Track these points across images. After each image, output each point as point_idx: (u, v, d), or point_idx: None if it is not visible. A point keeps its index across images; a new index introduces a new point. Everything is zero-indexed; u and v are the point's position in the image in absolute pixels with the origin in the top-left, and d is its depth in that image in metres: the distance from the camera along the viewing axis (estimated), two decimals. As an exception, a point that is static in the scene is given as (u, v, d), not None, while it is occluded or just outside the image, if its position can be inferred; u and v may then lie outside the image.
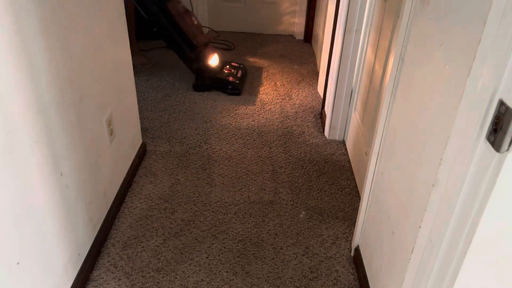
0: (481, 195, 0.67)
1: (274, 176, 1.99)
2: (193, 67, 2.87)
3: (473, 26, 0.74)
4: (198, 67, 2.86)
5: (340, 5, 2.03)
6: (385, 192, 1.23)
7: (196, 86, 2.87)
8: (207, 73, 2.87)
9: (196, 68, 2.87)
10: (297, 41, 4.04)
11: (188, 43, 2.78)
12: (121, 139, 1.75)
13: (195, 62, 2.84)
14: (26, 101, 1.00)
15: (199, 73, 2.87)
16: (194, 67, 2.87)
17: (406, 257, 0.99)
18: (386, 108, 1.24)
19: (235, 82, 2.87)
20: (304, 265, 1.50)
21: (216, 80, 2.87)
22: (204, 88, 2.87)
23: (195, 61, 2.84)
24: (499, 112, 0.62)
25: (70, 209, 1.27)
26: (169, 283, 1.40)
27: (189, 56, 2.82)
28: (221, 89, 2.87)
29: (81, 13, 1.32)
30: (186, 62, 2.87)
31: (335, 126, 2.29)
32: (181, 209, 1.74)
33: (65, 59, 1.20)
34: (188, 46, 2.79)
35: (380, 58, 1.70)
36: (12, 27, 0.94)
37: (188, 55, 2.81)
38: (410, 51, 1.09)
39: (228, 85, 2.84)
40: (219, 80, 2.87)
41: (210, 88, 2.89)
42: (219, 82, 2.87)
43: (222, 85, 2.86)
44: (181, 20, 2.75)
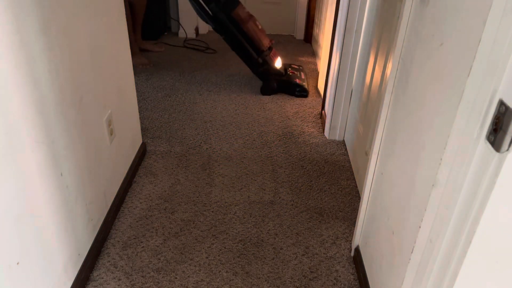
0: (481, 195, 0.67)
1: (274, 176, 1.99)
2: (260, 71, 2.89)
3: (473, 26, 0.74)
4: (265, 71, 2.88)
5: (340, 5, 2.03)
6: (385, 192, 1.23)
7: (264, 90, 2.89)
8: (274, 76, 2.90)
9: (263, 72, 2.89)
10: (297, 41, 4.04)
11: (255, 48, 2.82)
12: (121, 139, 1.75)
13: (261, 66, 2.87)
14: (26, 101, 1.00)
15: (267, 76, 2.89)
16: (260, 71, 2.89)
17: (406, 257, 0.99)
18: (386, 108, 1.24)
19: (303, 85, 2.90)
20: (304, 265, 1.50)
21: (284, 83, 2.90)
22: (272, 91, 2.89)
23: (262, 66, 2.87)
24: (499, 112, 0.62)
25: (70, 209, 1.27)
26: (169, 283, 1.40)
27: (257, 61, 2.84)
28: (289, 91, 2.90)
29: (81, 13, 1.32)
30: (252, 67, 2.90)
31: (335, 126, 2.29)
32: (181, 209, 1.74)
33: (65, 59, 1.20)
34: (255, 51, 2.83)
35: (380, 58, 1.70)
36: (12, 27, 0.94)
37: (256, 60, 2.83)
38: (410, 51, 1.09)
39: (296, 87, 2.88)
40: (287, 83, 2.90)
41: (278, 91, 2.92)
42: (287, 85, 2.90)
43: (290, 88, 2.89)
44: (247, 26, 2.78)
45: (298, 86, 2.89)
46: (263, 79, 2.92)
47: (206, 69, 3.25)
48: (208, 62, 3.39)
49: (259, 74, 2.92)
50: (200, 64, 3.35)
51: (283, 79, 2.92)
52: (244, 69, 3.26)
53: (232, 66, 3.33)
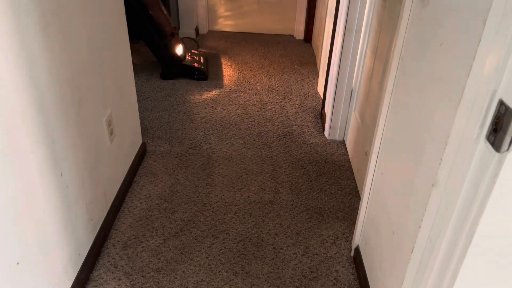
0: (481, 195, 0.67)
1: (274, 176, 1.99)
2: (161, 56, 2.93)
3: (473, 26, 0.74)
4: (166, 56, 2.91)
5: (340, 5, 2.03)
6: (385, 192, 1.23)
7: (164, 74, 2.96)
8: (173, 62, 2.95)
9: (164, 56, 2.92)
10: (297, 41, 4.04)
11: (158, 32, 2.84)
12: (121, 139, 1.75)
13: (163, 51, 2.90)
14: (26, 101, 1.00)
15: (167, 61, 2.94)
16: (161, 55, 2.92)
17: (406, 257, 0.99)
18: (386, 108, 1.24)
19: (201, 68, 2.99)
20: (304, 265, 1.50)
21: (183, 67, 2.98)
22: (171, 75, 2.97)
23: (163, 50, 2.90)
24: (499, 112, 0.62)
25: (70, 209, 1.27)
26: (169, 283, 1.40)
27: (158, 44, 2.87)
28: (188, 75, 2.99)
29: (81, 13, 1.32)
30: (154, 50, 2.92)
31: (335, 126, 2.29)
32: (181, 209, 1.74)
33: (65, 59, 1.20)
34: (158, 34, 2.85)
35: (380, 58, 1.70)
36: (12, 27, 0.94)
37: (157, 43, 2.86)
38: (410, 51, 1.09)
39: (195, 71, 2.97)
40: (186, 67, 2.97)
41: (177, 75, 2.99)
42: (186, 69, 2.98)
43: (189, 72, 2.98)
44: (152, 8, 2.82)
45: (197, 69, 2.98)
46: (163, 65, 2.97)
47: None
48: (207, 62, 3.39)
49: (160, 59, 2.96)
50: (200, 64, 3.34)
51: (183, 63, 2.99)
52: (244, 69, 3.26)
53: (232, 67, 3.33)
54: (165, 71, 2.97)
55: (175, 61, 2.97)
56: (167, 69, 2.96)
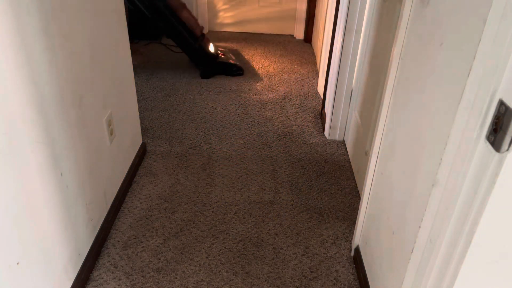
0: (481, 195, 0.67)
1: (274, 176, 1.99)
2: (197, 57, 3.05)
3: (473, 26, 0.74)
4: (202, 56, 3.04)
5: (340, 5, 2.03)
6: (385, 192, 1.23)
7: (203, 74, 3.06)
8: (211, 60, 3.08)
9: (200, 57, 3.05)
10: (297, 41, 4.04)
11: (190, 34, 2.97)
12: (121, 139, 1.75)
13: (198, 52, 3.02)
14: (26, 101, 1.00)
15: (204, 61, 3.06)
16: (198, 56, 3.04)
17: (406, 257, 0.99)
18: (386, 108, 1.24)
19: (237, 64, 3.13)
20: (304, 265, 1.50)
21: (220, 65, 3.09)
22: (211, 74, 3.07)
23: (198, 51, 3.02)
24: (499, 112, 0.62)
25: (70, 209, 1.27)
26: (169, 283, 1.40)
27: (193, 47, 2.98)
28: (226, 72, 3.10)
29: (81, 13, 1.32)
30: (190, 54, 3.05)
31: (335, 126, 2.29)
32: (181, 209, 1.74)
33: (65, 59, 1.20)
34: (191, 37, 2.98)
35: (380, 58, 1.70)
36: (13, 27, 0.94)
37: (193, 46, 2.97)
38: (410, 51, 1.09)
39: (233, 67, 3.09)
40: (224, 64, 3.10)
41: (215, 73, 3.10)
42: (223, 66, 3.09)
43: (227, 68, 3.09)
44: (181, 13, 2.93)
45: (234, 66, 3.10)
46: (201, 64, 3.07)
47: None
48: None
49: (197, 60, 3.07)
50: (200, 64, 3.35)
51: (219, 61, 3.10)
52: (244, 69, 3.26)
53: (232, 66, 3.33)
54: (204, 71, 3.05)
55: (212, 59, 3.08)
56: (206, 68, 3.05)
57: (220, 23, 4.16)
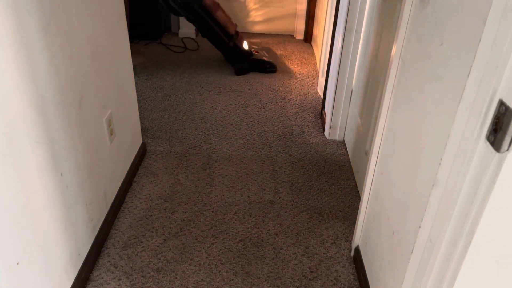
0: (481, 195, 0.67)
1: (274, 176, 1.99)
2: (232, 55, 3.15)
3: (473, 26, 0.74)
4: (236, 53, 3.15)
5: (340, 5, 2.03)
6: (385, 192, 1.23)
7: (238, 71, 3.15)
8: (245, 58, 3.17)
9: (235, 54, 3.15)
10: (297, 41, 4.04)
11: (225, 33, 3.07)
12: (121, 139, 1.75)
13: (233, 50, 3.13)
14: (26, 101, 1.00)
15: (239, 58, 3.16)
16: (232, 54, 3.15)
17: (406, 257, 0.99)
18: (386, 108, 1.24)
19: (271, 61, 3.22)
20: (304, 265, 1.50)
21: (254, 61, 3.19)
22: (246, 71, 3.17)
23: (233, 49, 3.12)
24: (499, 112, 0.62)
25: (70, 209, 1.27)
26: (169, 283, 1.40)
27: (228, 45, 3.10)
28: (259, 69, 3.19)
29: (81, 13, 1.32)
30: (224, 51, 3.16)
31: (335, 126, 2.29)
32: (181, 209, 1.74)
33: (65, 59, 1.20)
34: (226, 36, 3.08)
35: (380, 58, 1.70)
36: (12, 27, 0.94)
37: (227, 44, 3.09)
38: (410, 51, 1.09)
39: (266, 64, 3.18)
40: (257, 61, 3.19)
41: (250, 70, 3.20)
42: (257, 63, 3.19)
43: (261, 65, 3.18)
44: (217, 14, 3.03)
45: (268, 63, 3.19)
46: (235, 61, 3.16)
47: (206, 69, 3.25)
48: (208, 62, 3.39)
49: (231, 57, 3.16)
50: (200, 64, 3.35)
51: (253, 58, 3.20)
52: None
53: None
54: (239, 68, 3.14)
55: (246, 57, 3.18)
56: (240, 65, 3.14)
57: (220, 23, 4.15)
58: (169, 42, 3.77)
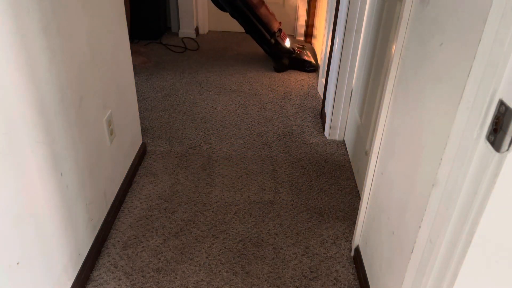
0: (481, 195, 0.67)
1: (274, 176, 1.99)
2: (273, 51, 3.21)
3: (473, 26, 0.74)
4: (277, 50, 3.20)
5: (340, 5, 2.03)
6: (385, 192, 1.23)
7: (277, 68, 3.21)
8: (286, 55, 3.22)
9: (276, 51, 3.20)
10: (297, 41, 4.04)
11: (267, 30, 3.15)
12: (121, 139, 1.75)
13: (274, 47, 3.19)
14: (26, 101, 1.00)
15: (279, 55, 3.21)
16: (274, 51, 3.20)
17: (406, 257, 0.99)
18: (386, 108, 1.24)
19: (311, 61, 3.27)
20: (304, 265, 1.50)
21: (295, 60, 3.24)
22: (285, 68, 3.23)
23: (274, 46, 3.19)
24: (499, 112, 0.62)
25: (70, 209, 1.27)
26: (169, 283, 1.40)
27: (270, 42, 3.16)
28: (299, 67, 3.25)
29: (81, 13, 1.32)
30: (266, 48, 3.22)
31: (335, 126, 2.29)
32: (181, 209, 1.74)
33: (65, 59, 1.20)
34: (268, 33, 3.15)
35: (380, 58, 1.70)
36: (12, 27, 0.94)
37: (269, 41, 3.16)
38: (410, 51, 1.09)
39: (306, 63, 3.23)
40: (298, 60, 3.24)
41: (289, 68, 3.25)
42: (298, 61, 3.24)
43: (300, 64, 3.24)
44: (260, 10, 3.08)
45: (307, 62, 3.23)
46: (276, 58, 3.21)
47: (206, 69, 3.25)
48: (208, 62, 3.39)
49: (272, 54, 3.21)
50: (200, 64, 3.35)
51: (294, 56, 3.23)
52: (244, 69, 3.26)
53: (232, 66, 3.33)
54: (279, 65, 3.20)
55: (287, 54, 3.22)
56: (281, 62, 3.19)
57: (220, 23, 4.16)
58: (169, 42, 3.77)
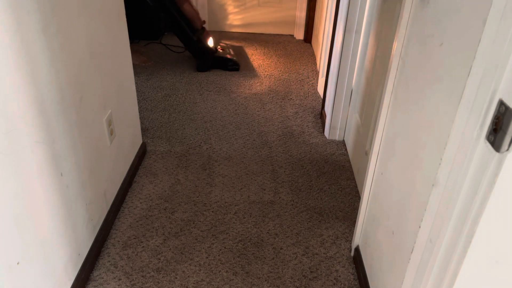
0: (481, 195, 0.67)
1: (274, 176, 1.99)
2: (195, 49, 3.13)
3: (473, 26, 0.74)
4: (200, 49, 3.12)
5: (340, 5, 2.03)
6: (385, 192, 1.23)
7: (199, 67, 3.14)
8: (208, 54, 3.15)
9: (198, 49, 3.12)
10: (297, 41, 4.03)
11: (190, 26, 3.06)
12: (121, 139, 1.75)
13: (196, 45, 3.10)
14: (26, 101, 1.00)
15: (202, 54, 3.14)
16: (196, 49, 3.12)
17: (406, 257, 0.99)
18: (386, 108, 1.24)
19: (234, 59, 3.20)
20: (304, 265, 1.50)
21: (217, 59, 3.17)
22: (206, 67, 3.15)
23: (196, 44, 3.09)
24: (499, 112, 0.62)
25: (70, 209, 1.27)
26: (169, 283, 1.40)
27: (192, 39, 3.07)
28: (222, 66, 3.19)
29: (81, 13, 1.32)
30: (188, 45, 3.12)
31: (335, 126, 2.29)
32: (181, 209, 1.74)
33: (65, 59, 1.20)
34: (190, 29, 3.06)
35: (380, 58, 1.70)
36: (12, 27, 0.94)
37: (191, 38, 3.06)
38: (410, 51, 1.09)
39: (228, 62, 3.17)
40: (220, 59, 3.17)
41: (212, 67, 3.19)
42: (220, 61, 3.17)
43: (223, 63, 3.17)
44: (183, 5, 3.02)
45: (230, 60, 3.18)
46: (198, 57, 3.15)
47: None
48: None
49: (194, 52, 3.14)
50: (200, 64, 3.35)
51: (216, 55, 3.19)
52: (244, 69, 3.26)
53: (232, 66, 3.33)
54: (201, 64, 3.14)
55: (209, 53, 3.16)
56: (203, 61, 3.13)
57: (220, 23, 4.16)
58: (169, 42, 3.77)
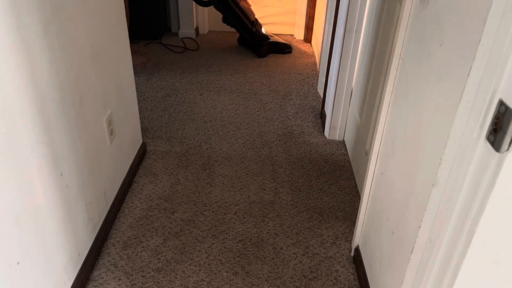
0: (481, 195, 0.67)
1: (274, 176, 1.99)
2: (255, 38, 3.54)
3: (473, 26, 0.74)
4: (258, 38, 3.55)
5: (340, 5, 2.03)
6: (385, 192, 1.23)
7: (260, 53, 3.53)
8: (265, 41, 3.58)
9: (257, 38, 3.55)
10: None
11: (248, 20, 3.50)
12: (121, 139, 1.75)
13: (255, 34, 3.53)
14: (26, 101, 1.00)
15: (260, 42, 3.56)
16: (255, 38, 3.54)
17: (406, 257, 0.99)
18: (386, 108, 1.24)
19: (287, 43, 3.67)
20: (304, 265, 1.50)
21: (273, 44, 3.61)
22: (267, 53, 3.57)
23: (255, 34, 3.53)
24: (499, 112, 0.62)
25: (70, 209, 1.27)
26: (169, 283, 1.40)
27: (251, 30, 3.51)
28: (278, 51, 3.63)
29: (81, 13, 1.32)
30: (248, 36, 3.55)
31: (335, 126, 2.29)
32: (181, 209, 1.74)
33: (65, 59, 1.20)
34: (249, 22, 3.50)
35: (380, 58, 1.70)
36: (12, 27, 0.94)
37: (250, 29, 3.51)
38: (410, 51, 1.09)
39: (284, 46, 3.62)
40: (276, 44, 3.62)
41: (270, 52, 3.62)
42: (275, 46, 3.61)
43: (278, 48, 3.62)
44: (242, 2, 3.47)
45: (285, 45, 3.62)
46: (257, 44, 3.54)
47: (206, 69, 3.25)
48: (208, 62, 3.39)
49: (254, 41, 3.55)
50: (200, 64, 3.35)
51: (271, 41, 3.61)
52: (244, 69, 3.26)
53: (232, 66, 3.33)
54: (261, 50, 3.52)
55: (266, 40, 3.58)
56: (262, 48, 3.52)
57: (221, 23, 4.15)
58: (169, 42, 3.77)
